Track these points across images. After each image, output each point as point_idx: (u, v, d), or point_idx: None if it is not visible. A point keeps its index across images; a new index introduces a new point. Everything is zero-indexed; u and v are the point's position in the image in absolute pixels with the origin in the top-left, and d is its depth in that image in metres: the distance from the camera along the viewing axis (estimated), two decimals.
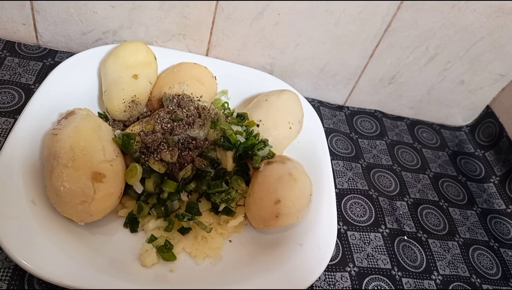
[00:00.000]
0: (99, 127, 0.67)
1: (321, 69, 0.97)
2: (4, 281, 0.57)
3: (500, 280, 0.80)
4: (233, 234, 0.69)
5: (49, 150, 0.62)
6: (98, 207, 0.60)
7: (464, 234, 0.86)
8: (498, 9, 0.86)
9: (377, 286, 0.71)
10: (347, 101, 1.05)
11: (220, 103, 0.83)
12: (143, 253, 0.62)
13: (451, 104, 1.07)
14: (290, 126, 0.78)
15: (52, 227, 0.58)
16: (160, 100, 0.75)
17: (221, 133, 0.70)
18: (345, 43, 0.91)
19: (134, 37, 0.89)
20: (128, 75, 0.75)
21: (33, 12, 0.84)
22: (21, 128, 0.65)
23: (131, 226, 0.66)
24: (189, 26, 0.88)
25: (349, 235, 0.77)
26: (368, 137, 0.99)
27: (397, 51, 0.93)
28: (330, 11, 0.85)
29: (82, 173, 0.59)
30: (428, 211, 0.87)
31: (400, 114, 1.08)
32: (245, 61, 0.94)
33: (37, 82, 0.82)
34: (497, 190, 0.95)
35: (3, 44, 0.87)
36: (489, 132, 1.05)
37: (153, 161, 0.64)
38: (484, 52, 0.94)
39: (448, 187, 0.94)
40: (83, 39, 0.89)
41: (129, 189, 0.65)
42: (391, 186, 0.89)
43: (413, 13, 0.86)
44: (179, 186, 0.66)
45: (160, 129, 0.67)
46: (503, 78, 1.01)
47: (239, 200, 0.71)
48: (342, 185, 0.85)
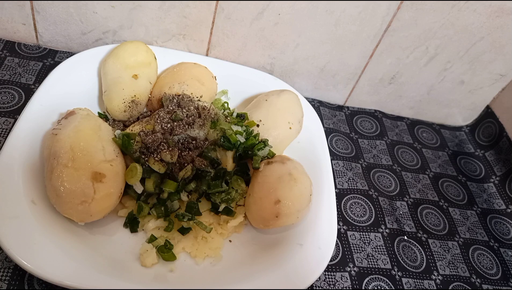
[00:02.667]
0: (99, 127, 0.67)
1: (321, 69, 0.97)
2: (4, 281, 0.57)
3: (500, 280, 0.80)
4: (233, 234, 0.69)
5: (49, 150, 0.62)
6: (98, 207, 0.60)
7: (464, 234, 0.86)
8: (498, 9, 0.86)
9: (377, 286, 0.71)
10: (347, 101, 1.05)
11: (220, 103, 0.83)
12: (143, 253, 0.62)
13: (451, 104, 1.07)
14: (290, 126, 0.78)
15: (52, 227, 0.58)
16: (160, 100, 0.75)
17: (221, 133, 0.70)
18: (345, 43, 0.91)
19: (134, 37, 0.89)
20: (128, 75, 0.75)
21: (33, 12, 0.84)
22: (21, 128, 0.65)
23: (131, 226, 0.66)
24: (189, 26, 0.88)
25: (349, 235, 0.77)
26: (368, 137, 0.99)
27: (397, 51, 0.93)
28: (330, 11, 0.85)
29: (82, 173, 0.59)
30: (428, 211, 0.87)
31: (400, 114, 1.08)
32: (245, 61, 0.94)
33: (37, 82, 0.82)
34: (497, 190, 0.95)
35: (3, 44, 0.87)
36: (489, 132, 1.05)
37: (153, 161, 0.64)
38: (484, 52, 0.94)
39: (448, 187, 0.94)
40: (83, 39, 0.89)
41: (129, 189, 0.65)
42: (391, 186, 0.89)
43: (413, 13, 0.86)
44: (179, 186, 0.66)
45: (160, 129, 0.67)
46: (503, 78, 1.01)
47: (239, 200, 0.71)
48: (342, 185, 0.85)
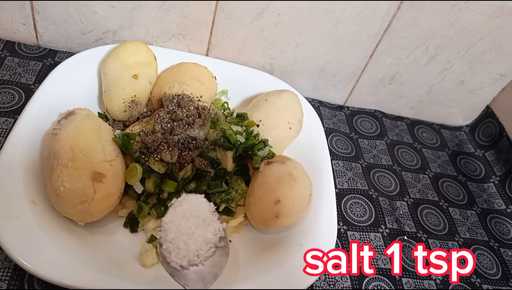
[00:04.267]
0: (99, 127, 0.67)
1: (321, 69, 0.97)
2: (4, 281, 0.57)
3: (500, 280, 0.80)
4: (233, 234, 0.69)
5: (49, 150, 0.62)
6: (98, 207, 0.60)
7: (464, 234, 0.86)
8: (498, 9, 0.86)
9: (377, 286, 0.71)
10: (347, 101, 1.05)
11: (220, 103, 0.83)
12: (143, 253, 0.62)
13: (451, 104, 1.07)
14: (290, 126, 0.78)
15: (52, 227, 0.58)
16: (160, 100, 0.75)
17: (221, 133, 0.70)
18: (345, 43, 0.91)
19: (134, 37, 0.89)
20: (128, 75, 0.75)
21: (33, 12, 0.84)
22: (21, 128, 0.65)
23: (131, 226, 0.66)
24: (189, 26, 0.88)
25: (349, 235, 0.77)
26: (368, 137, 0.99)
27: (397, 51, 0.93)
28: (330, 11, 0.85)
29: (82, 173, 0.59)
30: (428, 211, 0.87)
31: (400, 114, 1.08)
32: (245, 61, 0.94)
33: (37, 82, 0.82)
34: (497, 190, 0.95)
35: (3, 44, 0.87)
36: (489, 132, 1.05)
37: (153, 161, 0.64)
38: (484, 52, 0.94)
39: (448, 187, 0.94)
40: (83, 39, 0.89)
41: (129, 189, 0.65)
42: (391, 186, 0.89)
43: (413, 13, 0.86)
44: (179, 186, 0.66)
45: (160, 129, 0.67)
46: (503, 78, 1.01)
47: (239, 200, 0.71)
48: (342, 185, 0.85)
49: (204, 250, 0.56)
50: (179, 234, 0.55)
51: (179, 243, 0.55)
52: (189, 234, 0.55)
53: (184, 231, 0.55)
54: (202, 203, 0.59)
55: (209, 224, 0.57)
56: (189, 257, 0.55)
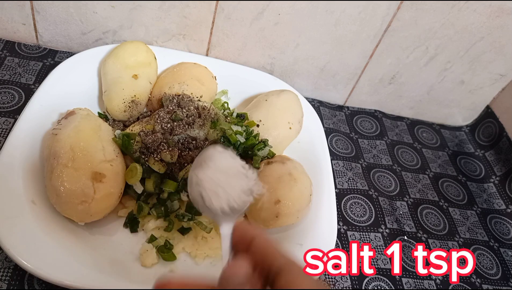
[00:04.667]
0: (99, 127, 0.67)
1: (321, 69, 0.97)
2: (4, 281, 0.57)
3: (500, 280, 0.80)
4: None
5: (49, 150, 0.62)
6: (98, 207, 0.60)
7: (464, 234, 0.86)
8: (498, 9, 0.86)
9: (377, 286, 0.71)
10: (347, 101, 1.05)
11: (220, 103, 0.83)
12: (143, 253, 0.62)
13: (451, 104, 1.07)
14: (290, 126, 0.78)
15: (52, 227, 0.58)
16: (160, 100, 0.75)
17: (221, 133, 0.70)
18: (345, 43, 0.91)
19: (134, 37, 0.89)
20: (128, 75, 0.75)
21: (33, 12, 0.84)
22: (21, 128, 0.65)
23: (131, 226, 0.65)
24: (189, 26, 0.88)
25: (349, 235, 0.77)
26: (368, 137, 0.99)
27: (397, 51, 0.93)
28: (330, 11, 0.85)
29: (82, 173, 0.59)
30: (428, 211, 0.87)
31: (400, 114, 1.08)
32: (245, 61, 0.94)
33: (37, 82, 0.82)
34: (497, 190, 0.95)
35: (3, 44, 0.87)
36: (489, 132, 1.05)
37: (153, 161, 0.64)
38: (484, 52, 0.94)
39: (448, 187, 0.94)
40: (83, 39, 0.89)
41: (129, 189, 0.65)
42: (391, 186, 0.89)
43: (413, 13, 0.86)
44: (179, 186, 0.66)
45: (160, 129, 0.67)
46: (503, 78, 1.01)
47: None
48: (342, 185, 0.85)
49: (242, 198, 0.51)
50: (215, 184, 0.50)
51: (218, 191, 0.50)
52: (228, 183, 0.51)
53: (223, 180, 0.50)
54: (232, 157, 0.54)
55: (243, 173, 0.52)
56: (229, 203, 0.50)
